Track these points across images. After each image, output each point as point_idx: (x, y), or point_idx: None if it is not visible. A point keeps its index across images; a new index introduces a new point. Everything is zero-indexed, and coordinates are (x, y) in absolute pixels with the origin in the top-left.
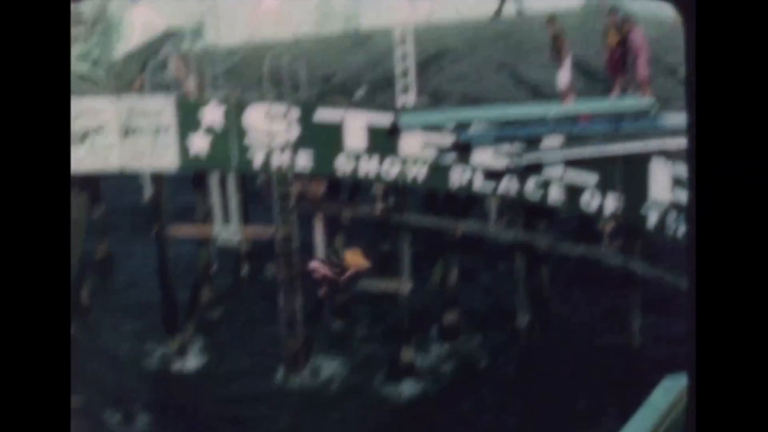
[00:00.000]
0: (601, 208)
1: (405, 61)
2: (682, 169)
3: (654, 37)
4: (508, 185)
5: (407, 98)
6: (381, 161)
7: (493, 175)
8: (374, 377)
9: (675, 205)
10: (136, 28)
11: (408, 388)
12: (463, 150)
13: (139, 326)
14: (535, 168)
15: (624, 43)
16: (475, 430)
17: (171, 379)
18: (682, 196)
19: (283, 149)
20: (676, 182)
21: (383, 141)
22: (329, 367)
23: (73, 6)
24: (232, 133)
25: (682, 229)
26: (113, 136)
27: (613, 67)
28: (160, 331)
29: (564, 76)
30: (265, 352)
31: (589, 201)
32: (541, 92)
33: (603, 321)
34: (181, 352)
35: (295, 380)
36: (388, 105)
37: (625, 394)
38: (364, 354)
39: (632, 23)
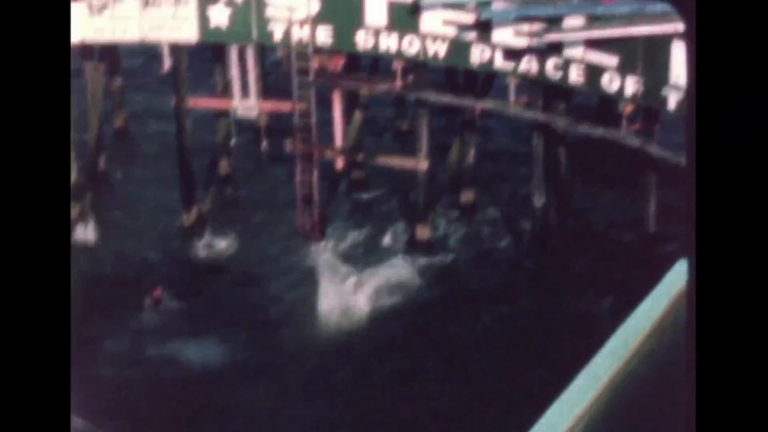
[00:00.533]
0: (621, 90)
1: None
2: None
3: None
4: (529, 64)
5: None
6: (401, 37)
7: (514, 54)
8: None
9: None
10: None
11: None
12: (483, 28)
13: (158, 197)
14: (556, 48)
15: None
16: (483, 312)
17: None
18: None
19: (303, 23)
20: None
21: (404, 17)
22: (346, 236)
23: None
24: (252, 6)
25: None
26: (133, 6)
27: None
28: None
29: None
30: (285, 227)
31: (610, 82)
32: None
33: (619, 203)
34: (197, 227)
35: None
36: None
37: (638, 275)
38: (380, 228)
39: None
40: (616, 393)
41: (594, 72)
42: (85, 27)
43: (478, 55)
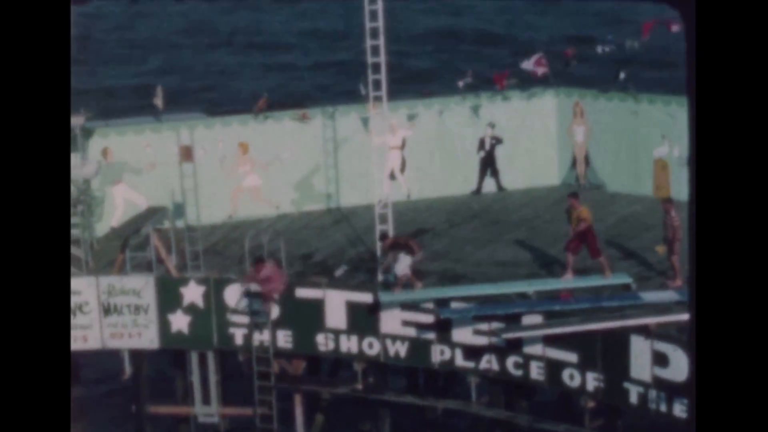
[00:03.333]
0: (582, 386)
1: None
2: (662, 346)
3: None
4: (489, 363)
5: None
6: (361, 339)
7: (474, 353)
8: None
9: (657, 382)
10: (118, 207)
11: None
12: (443, 327)
13: None
14: (516, 345)
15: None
16: None
17: None
18: (663, 373)
19: (263, 328)
20: (657, 359)
21: (363, 319)
22: None
23: None
24: (212, 312)
25: (663, 406)
26: (93, 314)
27: (570, 246)
28: None
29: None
30: None
31: (570, 379)
32: (520, 270)
33: None
34: None
35: None
36: (368, 283)
37: None
38: None
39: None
40: None
41: (554, 368)
42: None
43: (438, 354)
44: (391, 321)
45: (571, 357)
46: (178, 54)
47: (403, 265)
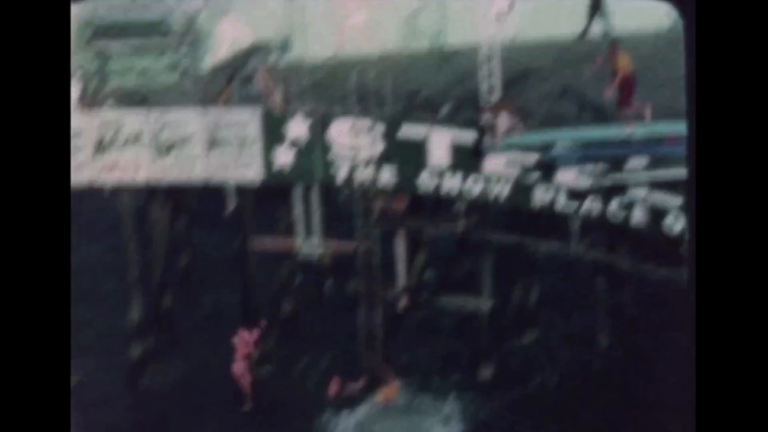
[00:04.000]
0: (684, 231)
1: (490, 79)
2: None
3: None
4: (592, 206)
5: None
6: (464, 178)
7: (577, 195)
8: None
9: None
10: (225, 41)
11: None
12: (546, 169)
13: (221, 337)
14: (619, 189)
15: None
16: None
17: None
18: None
19: (366, 164)
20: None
21: (467, 159)
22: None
23: (166, 17)
24: (316, 148)
25: None
26: (198, 147)
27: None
28: None
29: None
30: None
31: (673, 223)
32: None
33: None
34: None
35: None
36: (473, 122)
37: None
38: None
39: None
40: None
41: (658, 213)
42: (150, 168)
43: (541, 196)
44: (495, 161)
45: (675, 201)
46: None
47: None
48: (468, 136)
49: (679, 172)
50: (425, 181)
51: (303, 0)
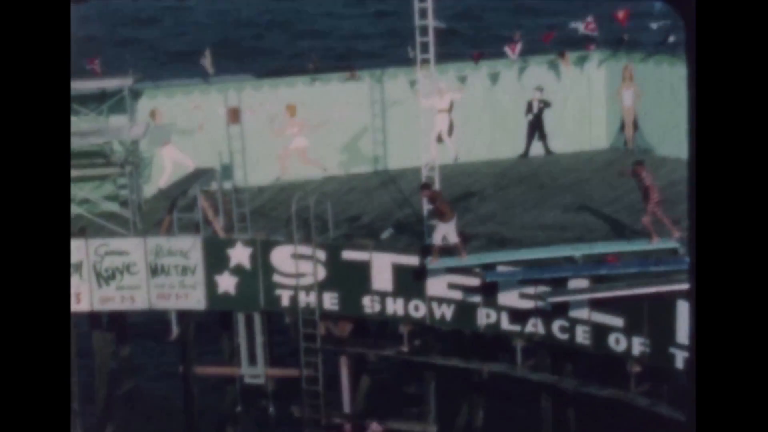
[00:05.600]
0: (628, 350)
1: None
2: None
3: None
4: (535, 326)
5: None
6: (407, 302)
7: (520, 316)
8: None
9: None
10: (166, 168)
11: None
12: (489, 291)
13: None
14: (562, 309)
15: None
16: None
17: None
18: None
19: (309, 290)
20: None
21: (409, 281)
22: None
23: (105, 146)
24: (258, 274)
25: None
26: (141, 275)
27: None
28: None
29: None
30: None
31: (616, 343)
32: (566, 234)
33: None
34: None
35: None
36: (415, 246)
37: None
38: None
39: (640, 165)
40: None
41: (600, 333)
42: (93, 297)
43: (484, 317)
44: (437, 284)
45: (618, 321)
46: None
47: (439, 234)
48: (410, 260)
49: (620, 292)
50: (368, 305)
51: (244, 126)
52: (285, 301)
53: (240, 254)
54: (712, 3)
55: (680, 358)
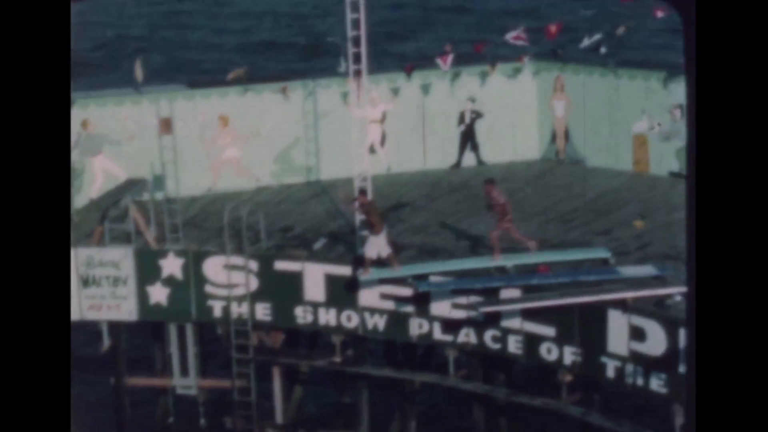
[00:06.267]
0: (559, 360)
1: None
2: (639, 321)
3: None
4: (467, 336)
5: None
6: (340, 312)
7: (452, 326)
8: None
9: (634, 356)
10: (97, 178)
11: None
12: (421, 301)
13: None
14: (494, 319)
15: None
16: None
17: None
18: (640, 347)
19: (241, 301)
20: (634, 333)
21: (342, 292)
22: None
23: None
24: (190, 285)
25: (640, 380)
26: (72, 285)
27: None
28: None
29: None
30: None
31: (548, 352)
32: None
33: None
34: None
35: None
36: (347, 256)
37: None
38: None
39: (490, 184)
40: None
41: (532, 342)
42: None
43: (416, 327)
44: (370, 294)
45: (549, 331)
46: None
47: (373, 247)
48: (342, 270)
49: (551, 302)
50: (301, 315)
51: (176, 137)
52: (217, 312)
53: (172, 265)
54: (712, 3)
55: (611, 367)
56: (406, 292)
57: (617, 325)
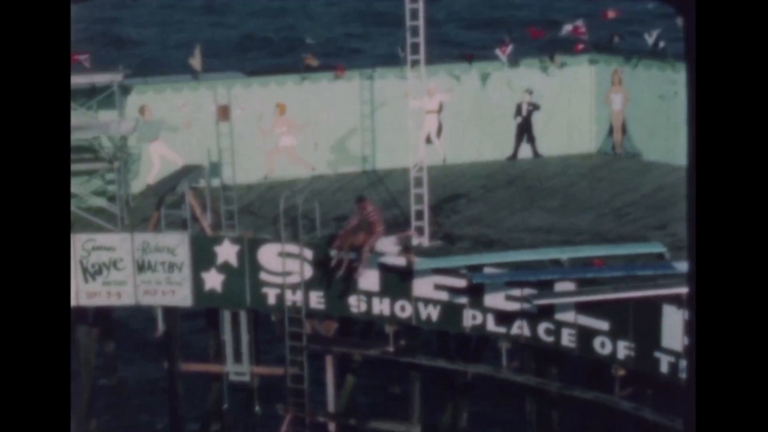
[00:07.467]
0: (613, 354)
1: (420, 202)
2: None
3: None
4: (520, 328)
5: (421, 240)
6: (393, 302)
7: (505, 318)
8: None
9: (688, 352)
10: (154, 164)
11: None
12: (475, 292)
13: None
14: (548, 312)
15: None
16: None
17: None
18: None
19: (295, 289)
20: (689, 328)
21: (396, 282)
22: None
23: (94, 141)
24: (245, 271)
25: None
26: (128, 270)
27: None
28: None
29: None
30: None
31: (601, 346)
32: (553, 237)
33: None
34: None
35: None
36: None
37: None
38: None
39: (363, 201)
40: None
41: (586, 336)
42: (79, 292)
43: (469, 319)
44: (423, 285)
45: (603, 325)
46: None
47: (387, 245)
48: (397, 260)
49: (606, 296)
50: (354, 305)
51: (233, 124)
52: (271, 300)
53: (227, 252)
54: (712, 3)
55: (665, 362)
56: (460, 283)
57: (672, 320)
